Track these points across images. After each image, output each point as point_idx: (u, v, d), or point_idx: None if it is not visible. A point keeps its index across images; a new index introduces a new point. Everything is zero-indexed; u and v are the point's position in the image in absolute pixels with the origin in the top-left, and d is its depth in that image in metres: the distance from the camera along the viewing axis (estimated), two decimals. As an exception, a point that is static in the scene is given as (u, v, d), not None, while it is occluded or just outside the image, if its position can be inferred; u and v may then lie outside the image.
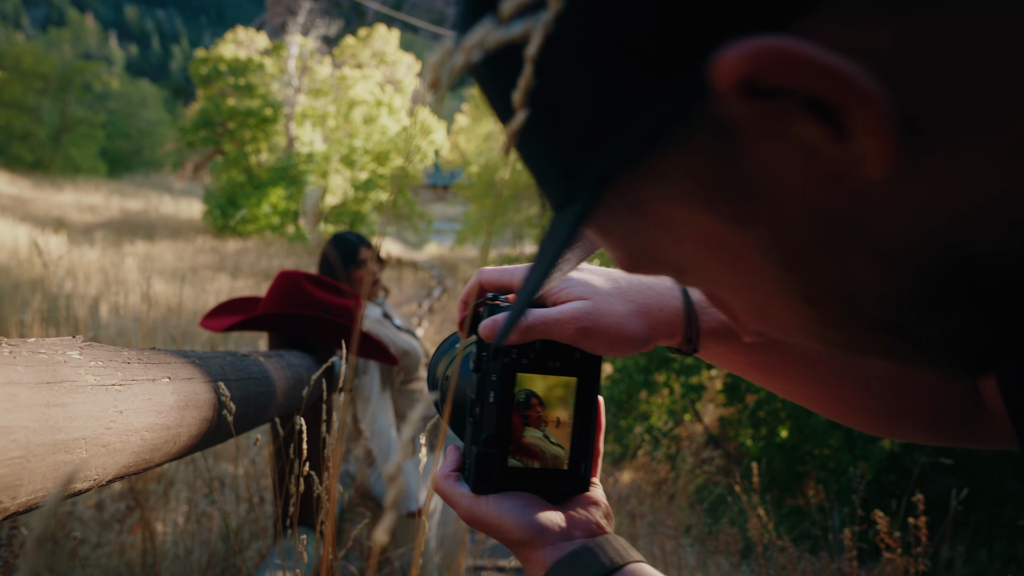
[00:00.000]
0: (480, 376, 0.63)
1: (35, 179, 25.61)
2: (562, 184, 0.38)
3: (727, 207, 0.34)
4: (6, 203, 17.68)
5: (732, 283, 0.39)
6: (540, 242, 0.46)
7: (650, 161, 0.35)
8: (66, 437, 0.53)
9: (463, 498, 0.62)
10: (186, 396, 0.79)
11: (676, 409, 7.91)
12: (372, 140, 22.74)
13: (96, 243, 13.38)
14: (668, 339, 0.66)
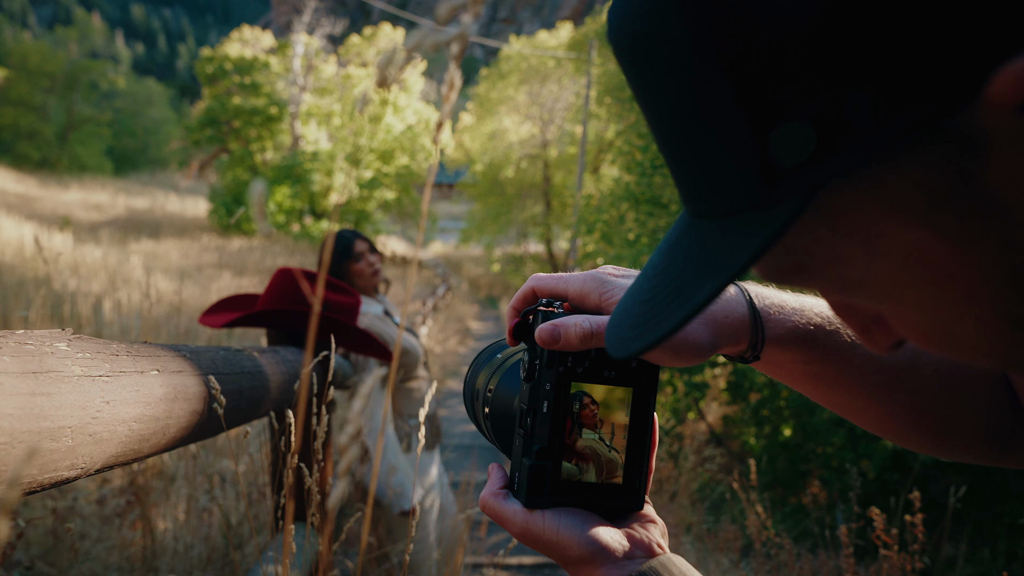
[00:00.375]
0: (532, 385, 0.60)
1: (41, 177, 25.74)
2: (748, 186, 0.36)
3: (952, 223, 0.33)
4: (12, 201, 17.77)
5: (921, 301, 0.38)
6: (679, 246, 0.44)
7: (872, 171, 0.34)
8: (51, 425, 0.55)
9: (516, 515, 0.60)
10: (175, 388, 0.80)
11: (679, 407, 7.92)
12: (377, 139, 22.75)
13: (102, 241, 13.44)
14: (732, 347, 0.64)
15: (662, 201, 8.79)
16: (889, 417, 0.69)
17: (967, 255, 0.34)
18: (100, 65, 37.56)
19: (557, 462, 0.60)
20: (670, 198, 8.57)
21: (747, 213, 0.37)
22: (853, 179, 0.34)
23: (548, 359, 0.60)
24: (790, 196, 0.35)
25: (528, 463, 0.59)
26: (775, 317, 0.64)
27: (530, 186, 24.29)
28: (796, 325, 0.64)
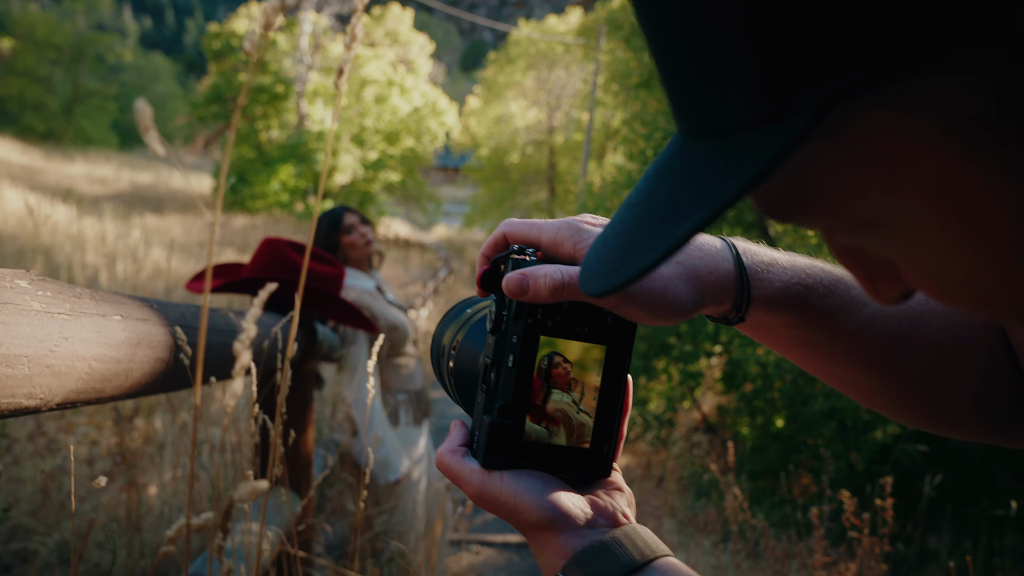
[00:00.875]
0: (498, 338, 0.56)
1: (46, 149, 25.77)
2: (752, 99, 0.31)
3: (993, 150, 0.28)
4: (17, 173, 17.81)
5: (942, 245, 0.33)
6: (667, 171, 0.39)
7: (899, 86, 0.28)
8: (7, 352, 0.60)
9: (473, 474, 0.56)
10: (139, 335, 0.85)
11: (674, 396, 7.98)
12: (383, 120, 22.72)
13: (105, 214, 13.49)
14: (716, 306, 0.59)
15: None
16: (882, 390, 0.65)
17: (1006, 191, 0.29)
18: (107, 38, 37.50)
19: (520, 421, 0.56)
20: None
21: (748, 131, 0.32)
22: (875, 94, 0.29)
23: (516, 310, 0.55)
24: (799, 111, 0.29)
25: (488, 420, 0.56)
26: (763, 276, 0.59)
27: (535, 172, 24.29)
28: (785, 285, 0.60)
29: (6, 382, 0.61)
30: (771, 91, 0.29)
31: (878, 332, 0.61)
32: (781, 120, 0.30)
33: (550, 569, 0.54)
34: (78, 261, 6.13)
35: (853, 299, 0.61)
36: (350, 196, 22.06)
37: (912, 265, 0.35)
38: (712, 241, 0.60)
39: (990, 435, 0.65)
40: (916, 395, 0.64)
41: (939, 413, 0.65)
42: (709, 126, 0.33)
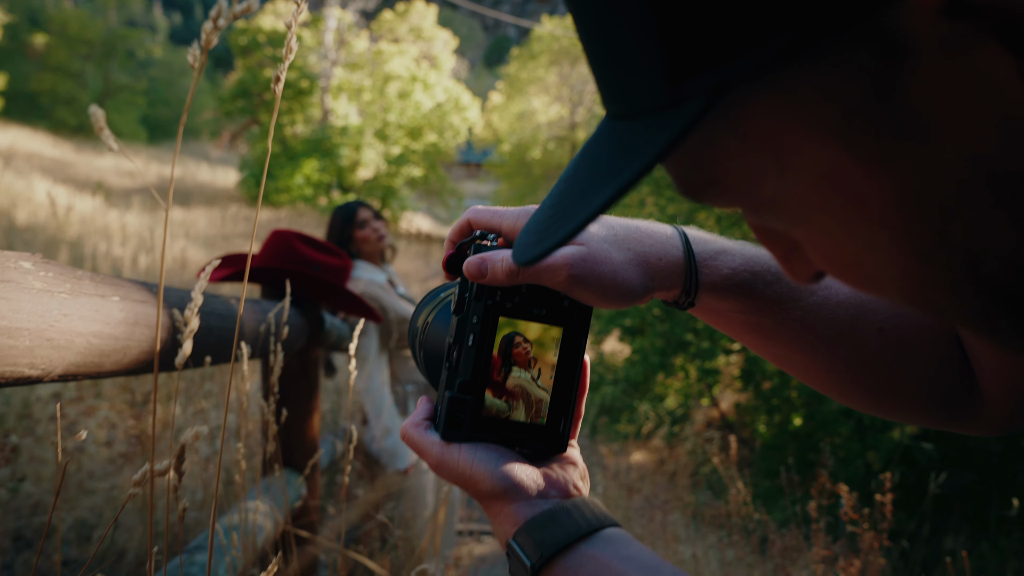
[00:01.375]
0: (460, 318, 0.60)
1: (77, 143, 26.21)
2: (654, 85, 0.33)
3: (866, 140, 0.30)
4: (48, 166, 18.15)
5: (831, 227, 0.35)
6: (586, 151, 0.42)
7: (783, 76, 0.31)
8: (8, 325, 0.67)
9: (433, 446, 0.60)
10: (136, 315, 0.92)
11: (692, 392, 7.99)
12: (406, 115, 22.85)
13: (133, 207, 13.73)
14: (665, 291, 0.62)
15: (683, 187, 8.81)
16: (831, 374, 0.67)
17: (880, 178, 0.31)
18: (137, 34, 38.06)
19: (479, 396, 0.59)
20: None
21: (655, 114, 0.34)
22: (763, 84, 0.31)
23: (477, 292, 0.59)
24: (695, 97, 0.32)
25: (449, 395, 0.59)
26: (711, 263, 0.62)
27: (557, 168, 24.30)
28: (733, 272, 0.63)
29: (8, 352, 0.68)
30: (671, 77, 0.32)
31: (825, 319, 0.64)
32: (679, 104, 0.32)
33: (503, 535, 0.57)
34: (103, 252, 6.29)
35: (800, 287, 0.64)
36: (373, 191, 22.21)
37: (810, 245, 0.38)
38: (663, 229, 0.64)
39: (938, 419, 0.68)
40: (864, 379, 0.66)
41: (887, 397, 0.68)
42: (626, 108, 0.36)
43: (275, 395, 1.15)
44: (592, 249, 0.58)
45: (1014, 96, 0.27)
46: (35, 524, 2.33)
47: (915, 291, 0.35)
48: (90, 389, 3.12)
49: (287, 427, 2.04)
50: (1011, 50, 0.26)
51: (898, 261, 0.34)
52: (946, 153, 0.29)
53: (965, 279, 0.33)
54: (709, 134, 0.35)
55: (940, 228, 0.31)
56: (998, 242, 0.30)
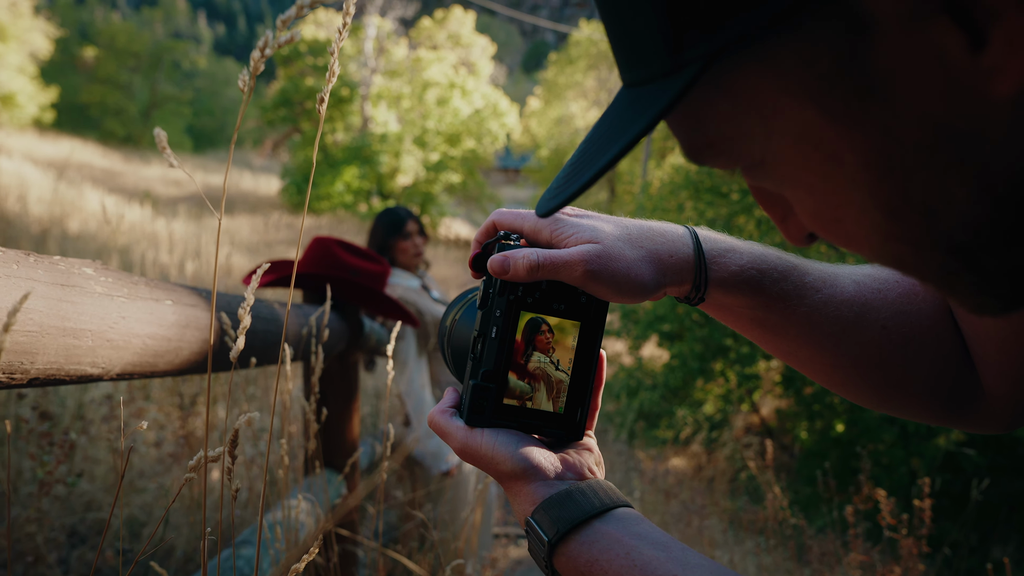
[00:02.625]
0: (485, 312, 0.63)
1: (125, 153, 26.91)
2: (660, 55, 0.37)
3: (838, 104, 0.34)
4: (98, 176, 18.68)
5: (813, 184, 0.39)
6: (603, 117, 0.46)
7: (767, 45, 0.34)
8: (74, 326, 0.73)
9: (458, 431, 0.63)
10: (187, 317, 0.98)
11: (732, 398, 7.92)
12: (445, 122, 23.04)
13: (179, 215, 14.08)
14: (677, 287, 0.66)
15: (722, 191, 8.77)
16: (835, 369, 0.70)
17: (851, 139, 0.35)
18: (183, 45, 39.06)
19: (501, 385, 0.63)
20: (731, 187, 8.54)
21: (659, 80, 0.38)
22: (749, 52, 0.35)
23: (500, 288, 0.63)
24: (690, 64, 0.36)
25: (472, 383, 0.63)
26: (720, 260, 0.66)
27: (594, 172, 24.22)
28: (741, 269, 0.66)
29: (73, 351, 0.74)
30: (673, 47, 0.36)
31: (830, 315, 0.68)
32: (680, 70, 0.36)
33: (521, 514, 0.61)
34: (151, 259, 6.47)
35: (806, 284, 0.68)
36: (412, 197, 22.43)
37: (797, 202, 0.42)
38: (675, 229, 0.68)
39: (940, 416, 0.71)
40: (868, 375, 0.69)
41: (890, 393, 0.70)
42: (636, 76, 0.40)
43: (316, 395, 1.20)
44: (607, 247, 0.62)
45: (963, 66, 0.30)
46: (89, 520, 2.42)
47: (884, 246, 0.39)
48: (140, 391, 3.23)
49: (327, 428, 2.10)
50: (960, 25, 0.29)
51: (871, 216, 0.37)
52: (905, 116, 0.32)
53: (927, 235, 0.36)
54: (705, 98, 0.38)
55: (902, 185, 0.35)
56: (954, 200, 0.34)
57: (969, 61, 0.30)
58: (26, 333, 0.65)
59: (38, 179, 11.06)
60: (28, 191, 8.87)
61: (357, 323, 2.26)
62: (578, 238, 0.63)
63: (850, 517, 2.59)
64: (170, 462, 2.69)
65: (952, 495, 6.34)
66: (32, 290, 0.66)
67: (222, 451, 0.64)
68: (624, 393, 8.16)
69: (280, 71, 24.28)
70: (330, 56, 0.62)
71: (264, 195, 24.66)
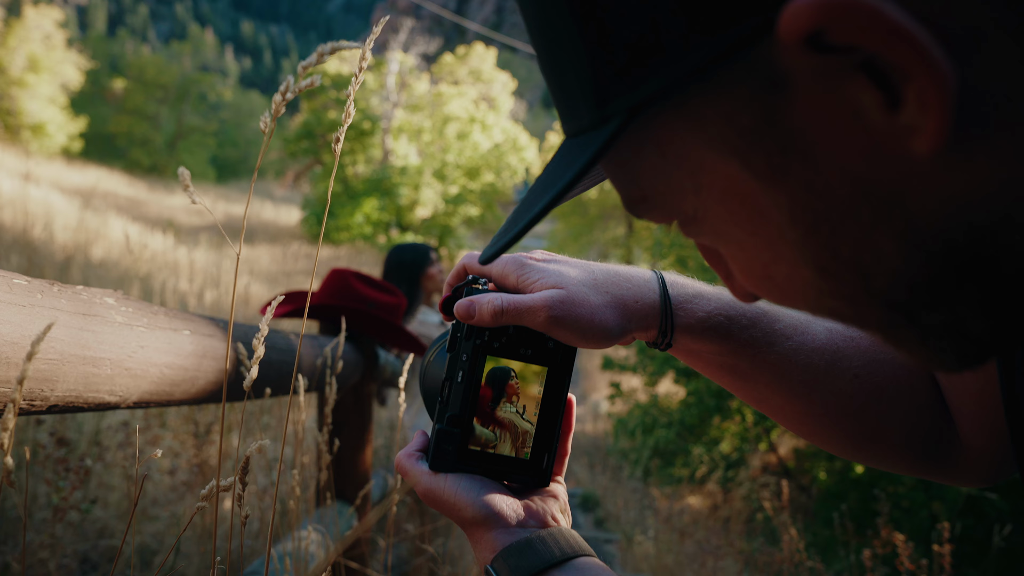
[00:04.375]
0: (452, 356, 0.64)
1: (150, 182, 27.36)
2: (589, 108, 0.37)
3: (760, 160, 0.34)
4: (123, 204, 18.98)
5: (743, 240, 0.39)
6: (546, 167, 0.46)
7: (689, 100, 0.35)
8: (94, 355, 0.74)
9: (421, 475, 0.63)
10: (204, 347, 1.00)
11: (749, 437, 7.83)
12: (464, 155, 23.27)
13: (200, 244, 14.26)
14: (643, 332, 0.66)
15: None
16: (807, 417, 0.69)
17: (774, 194, 0.34)
18: (210, 78, 39.83)
19: (466, 429, 0.63)
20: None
21: (588, 132, 0.38)
22: (671, 105, 0.35)
23: (467, 332, 0.63)
24: (617, 116, 0.36)
25: (438, 427, 0.63)
26: (687, 306, 0.66)
27: (613, 207, 24.35)
28: (708, 315, 0.66)
29: (93, 379, 0.75)
30: (599, 100, 0.36)
31: (800, 363, 0.67)
32: (605, 123, 0.37)
33: (481, 561, 0.60)
34: (171, 287, 6.55)
35: (776, 331, 0.67)
36: (430, 229, 22.58)
37: (730, 258, 0.42)
38: (642, 273, 0.68)
39: (917, 468, 0.70)
40: (840, 424, 0.69)
41: (864, 443, 0.70)
42: (572, 127, 0.41)
43: (329, 426, 1.21)
44: (571, 292, 0.62)
45: (880, 124, 0.30)
46: (101, 547, 2.43)
47: (818, 301, 0.38)
48: (155, 419, 3.25)
49: (340, 459, 2.11)
50: (876, 84, 0.29)
51: (801, 273, 0.37)
52: (828, 173, 0.32)
53: (861, 291, 0.36)
54: (637, 151, 0.39)
55: (830, 243, 0.34)
56: (885, 257, 0.33)
57: (887, 119, 0.29)
58: (47, 361, 0.67)
59: (64, 207, 11.27)
60: (54, 218, 9.03)
61: (372, 355, 2.27)
62: (543, 283, 0.63)
63: (868, 561, 2.55)
64: (183, 490, 2.70)
65: (973, 541, 6.20)
66: (55, 319, 0.68)
67: (234, 479, 0.65)
68: (639, 430, 8.09)
69: (304, 104, 24.69)
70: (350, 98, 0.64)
71: (284, 225, 24.92)
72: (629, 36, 0.34)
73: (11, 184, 10.83)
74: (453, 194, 22.82)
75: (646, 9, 0.33)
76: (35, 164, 18.30)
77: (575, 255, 2.81)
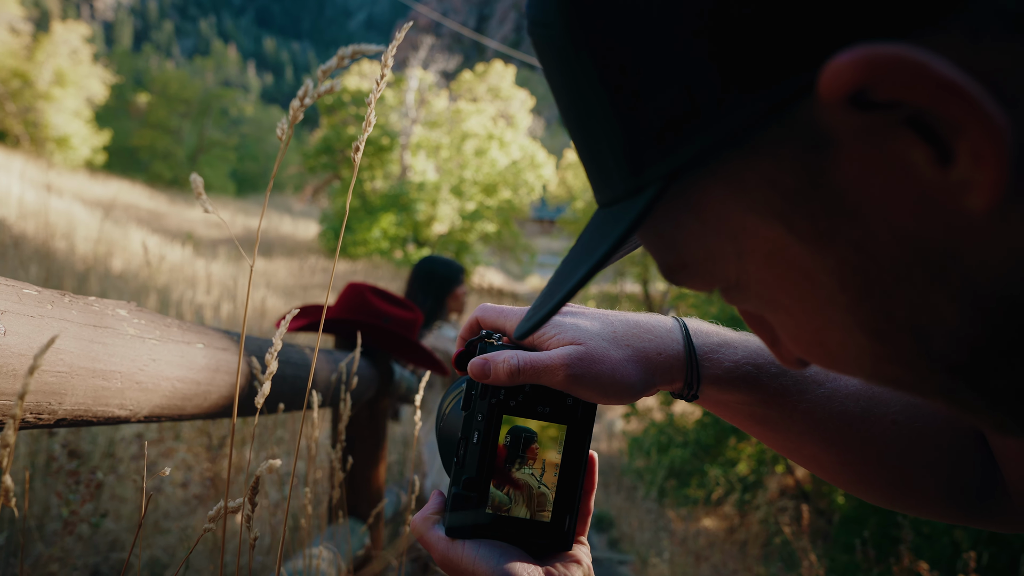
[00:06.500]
0: (467, 415, 0.61)
1: (171, 195, 27.64)
2: (623, 177, 0.37)
3: (806, 222, 0.32)
4: (144, 216, 19.17)
5: (790, 306, 0.37)
6: (579, 237, 0.45)
7: (728, 164, 0.33)
8: (104, 368, 0.72)
9: (439, 541, 0.60)
10: (217, 361, 0.98)
11: (766, 458, 7.73)
12: (482, 172, 23.35)
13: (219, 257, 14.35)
14: (668, 384, 0.63)
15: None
16: (844, 467, 0.66)
17: (822, 258, 0.33)
18: (232, 93, 40.32)
19: (483, 493, 0.60)
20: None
21: (623, 201, 0.38)
22: (711, 171, 0.34)
23: (482, 390, 0.60)
24: (651, 185, 0.35)
25: (454, 491, 0.60)
26: (713, 356, 0.63)
27: (629, 225, 24.27)
28: (736, 365, 0.63)
29: (102, 393, 0.73)
30: (634, 169, 0.36)
31: (834, 411, 0.64)
32: (641, 192, 0.36)
33: None
34: (188, 299, 6.58)
35: (807, 379, 0.64)
36: (447, 245, 22.63)
37: (778, 325, 0.40)
38: (664, 322, 0.65)
39: (954, 515, 0.66)
40: (877, 473, 0.65)
41: (901, 491, 0.66)
42: (606, 197, 0.40)
43: (342, 442, 1.19)
44: (590, 348, 0.60)
45: (932, 180, 0.28)
46: (111, 560, 2.41)
47: (874, 368, 0.36)
48: (169, 431, 3.24)
49: (353, 475, 2.08)
50: (924, 139, 0.27)
51: (854, 338, 0.35)
52: (878, 232, 0.31)
53: (919, 357, 0.33)
54: (676, 219, 0.38)
55: (884, 305, 0.32)
56: (943, 320, 0.31)
57: (938, 175, 0.28)
58: (55, 374, 0.65)
59: (86, 218, 11.38)
60: (75, 230, 9.12)
61: (388, 370, 2.25)
62: (560, 339, 0.61)
63: (890, 590, 2.48)
64: (195, 503, 2.68)
65: (998, 569, 6.07)
66: (63, 331, 0.66)
67: (243, 501, 0.63)
68: (655, 449, 8.02)
69: (323, 120, 24.90)
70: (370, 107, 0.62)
71: (302, 239, 25.06)
72: (663, 102, 0.33)
73: (34, 195, 10.96)
74: (470, 210, 22.88)
75: (680, 73, 0.32)
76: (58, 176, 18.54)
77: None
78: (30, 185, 12.33)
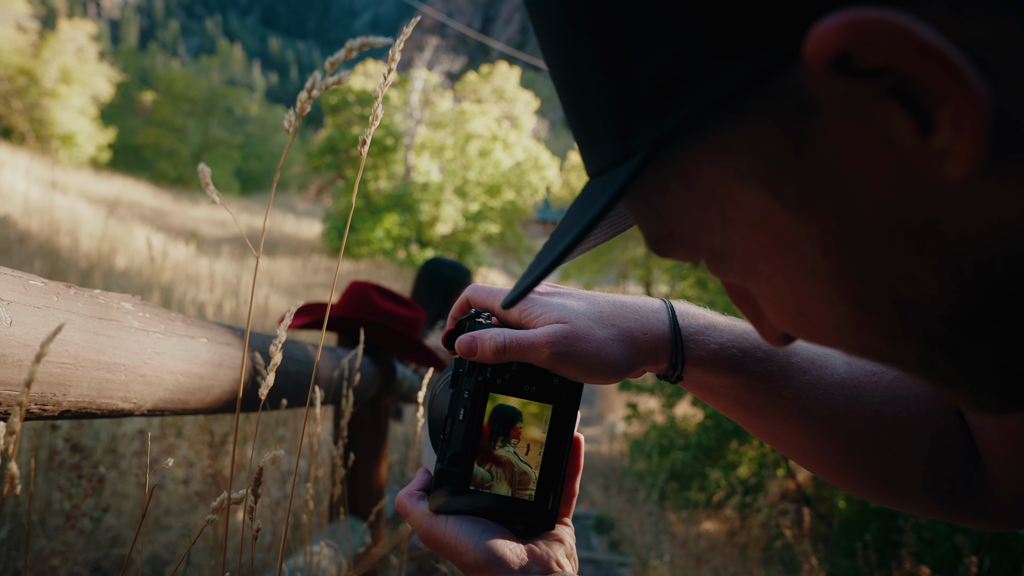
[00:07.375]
0: (454, 393, 0.62)
1: (175, 193, 27.68)
2: (612, 144, 0.37)
3: (790, 190, 0.33)
4: (148, 214, 19.20)
5: (774, 275, 0.37)
6: (569, 208, 0.45)
7: (715, 131, 0.34)
8: (108, 360, 0.73)
9: (422, 516, 0.61)
10: (221, 356, 0.98)
11: (767, 462, 7.72)
12: (486, 173, 23.36)
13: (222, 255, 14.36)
14: (652, 365, 0.63)
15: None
16: (826, 456, 0.66)
17: (805, 226, 0.33)
18: (237, 92, 40.42)
19: (467, 470, 0.61)
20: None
21: (612, 169, 0.38)
22: (699, 138, 0.34)
23: (469, 368, 0.61)
24: (639, 151, 0.35)
25: (439, 467, 0.61)
26: (698, 338, 0.63)
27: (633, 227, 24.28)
28: (721, 347, 0.63)
29: (106, 385, 0.74)
30: (622, 136, 0.36)
31: (819, 398, 0.63)
32: (628, 159, 0.36)
33: None
34: (191, 297, 6.59)
35: (793, 365, 0.64)
36: (450, 246, 22.64)
37: (761, 297, 0.40)
38: (650, 303, 0.65)
39: (939, 510, 0.65)
40: (861, 464, 0.65)
41: (885, 483, 0.66)
42: (596, 166, 0.40)
43: (344, 439, 1.19)
44: (575, 327, 0.60)
45: (913, 149, 0.28)
46: (113, 556, 2.42)
47: (855, 339, 0.36)
48: (171, 428, 3.25)
49: (355, 473, 2.09)
50: (907, 107, 0.28)
51: (836, 308, 0.35)
52: (860, 201, 0.31)
53: (899, 326, 0.34)
54: (663, 187, 0.38)
55: (864, 275, 0.33)
56: (923, 290, 0.32)
57: (919, 144, 0.28)
58: (60, 365, 0.65)
59: (90, 215, 11.41)
60: (79, 226, 9.14)
61: (390, 368, 2.26)
62: (546, 318, 0.61)
63: (891, 594, 2.47)
64: (197, 500, 2.69)
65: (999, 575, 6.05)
66: (68, 322, 0.66)
67: (246, 492, 0.63)
68: (656, 452, 8.02)
69: (328, 119, 24.93)
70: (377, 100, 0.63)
71: (306, 238, 25.09)
72: (653, 68, 0.33)
73: (39, 192, 10.98)
74: (473, 211, 22.89)
75: (669, 39, 0.32)
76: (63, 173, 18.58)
77: (594, 275, 2.79)
78: (35, 182, 12.36)
